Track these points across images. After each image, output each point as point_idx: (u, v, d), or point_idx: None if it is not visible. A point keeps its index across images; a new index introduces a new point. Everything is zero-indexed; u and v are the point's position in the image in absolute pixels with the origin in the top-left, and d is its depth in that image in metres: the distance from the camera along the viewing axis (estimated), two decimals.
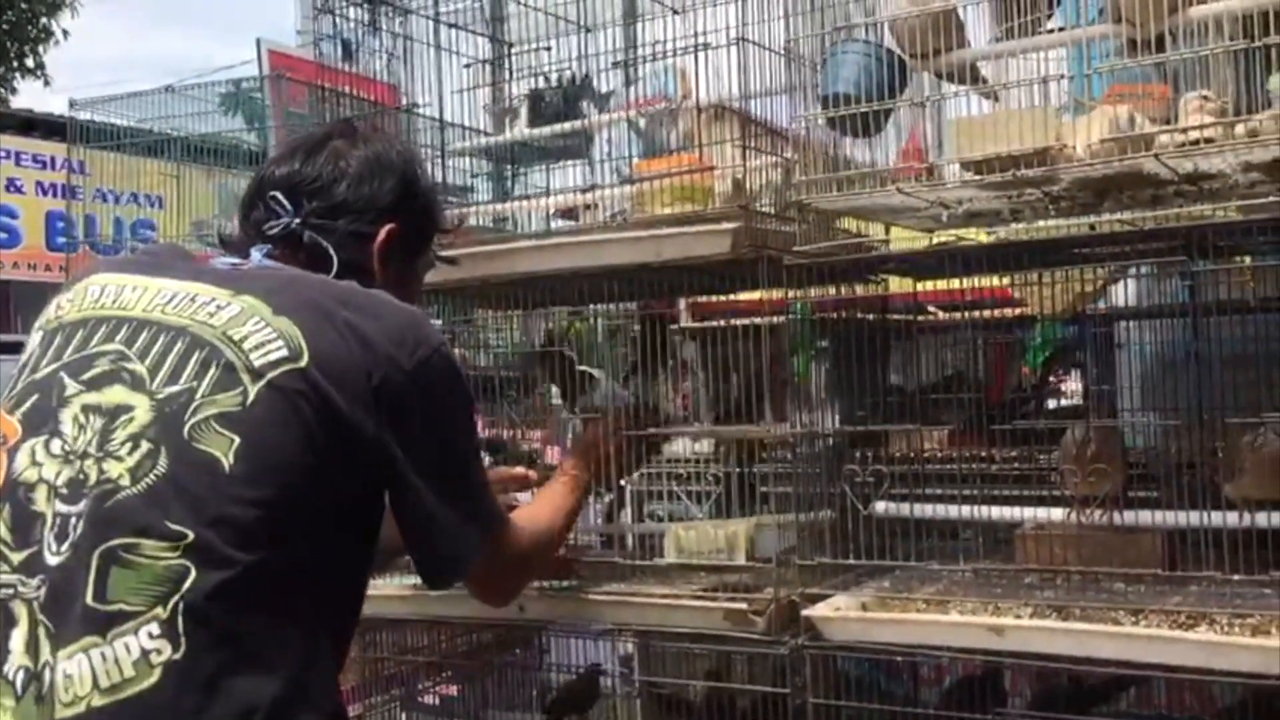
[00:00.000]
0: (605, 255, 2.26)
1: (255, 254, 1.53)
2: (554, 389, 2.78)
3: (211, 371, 1.32)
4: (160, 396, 1.32)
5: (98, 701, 1.21)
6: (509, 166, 3.10)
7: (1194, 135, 1.85)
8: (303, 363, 1.33)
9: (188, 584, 1.24)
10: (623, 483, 3.25)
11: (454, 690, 3.05)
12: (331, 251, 1.54)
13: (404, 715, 3.03)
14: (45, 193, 11.51)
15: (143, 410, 1.31)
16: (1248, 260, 2.31)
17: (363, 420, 1.35)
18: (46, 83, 15.64)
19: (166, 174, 4.19)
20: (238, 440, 1.29)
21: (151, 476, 1.27)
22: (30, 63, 15.66)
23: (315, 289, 1.43)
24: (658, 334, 2.49)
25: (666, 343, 2.56)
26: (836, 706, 2.12)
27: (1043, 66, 2.13)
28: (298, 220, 1.54)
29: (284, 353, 1.33)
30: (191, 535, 1.25)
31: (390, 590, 2.38)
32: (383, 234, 1.58)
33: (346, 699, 2.88)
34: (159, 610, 1.23)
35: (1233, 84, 1.99)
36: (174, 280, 1.43)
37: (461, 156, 2.88)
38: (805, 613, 2.07)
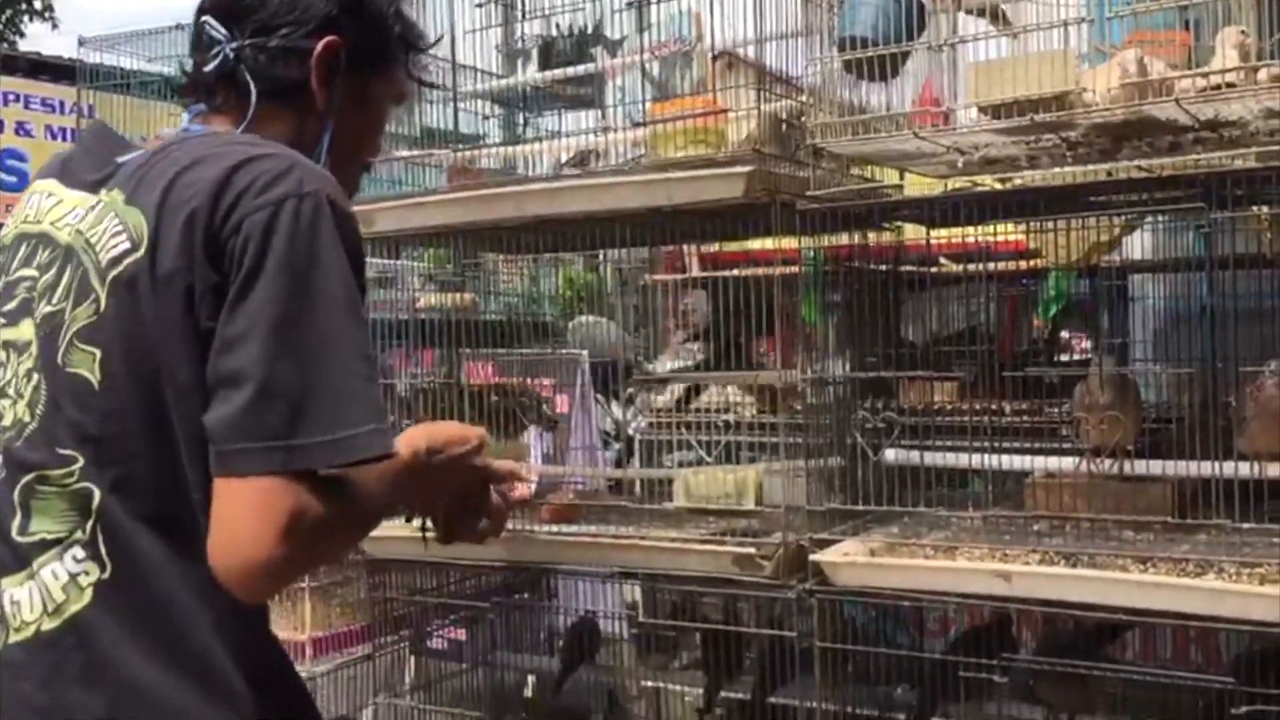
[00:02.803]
0: (616, 199, 2.23)
1: (184, 121, 1.37)
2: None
3: (75, 285, 1.23)
4: (38, 321, 1.25)
5: (47, 625, 1.21)
6: (519, 111, 3.07)
7: (1215, 80, 1.83)
8: (142, 250, 1.19)
9: (95, 505, 1.21)
10: (631, 431, 3.25)
11: (461, 634, 3.07)
12: (251, 84, 1.34)
13: (413, 657, 3.06)
14: (54, 136, 11.45)
15: (34, 341, 1.26)
16: (1265, 210, 2.29)
17: (208, 290, 1.17)
18: (54, 25, 15.55)
19: (176, 115, 4.15)
20: (99, 354, 1.21)
21: (40, 407, 1.24)
22: (38, 4, 15.58)
23: (177, 159, 1.24)
24: None
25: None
26: (844, 651, 2.13)
27: (1062, 11, 2.10)
28: (233, 48, 1.35)
29: (126, 245, 1.21)
30: (80, 459, 1.21)
31: (400, 531, 2.38)
32: (320, 47, 1.36)
33: (356, 639, 2.93)
34: (79, 534, 1.21)
35: (1254, 30, 1.96)
36: (80, 192, 1.31)
37: (473, 99, 2.85)
38: (814, 558, 2.07)
